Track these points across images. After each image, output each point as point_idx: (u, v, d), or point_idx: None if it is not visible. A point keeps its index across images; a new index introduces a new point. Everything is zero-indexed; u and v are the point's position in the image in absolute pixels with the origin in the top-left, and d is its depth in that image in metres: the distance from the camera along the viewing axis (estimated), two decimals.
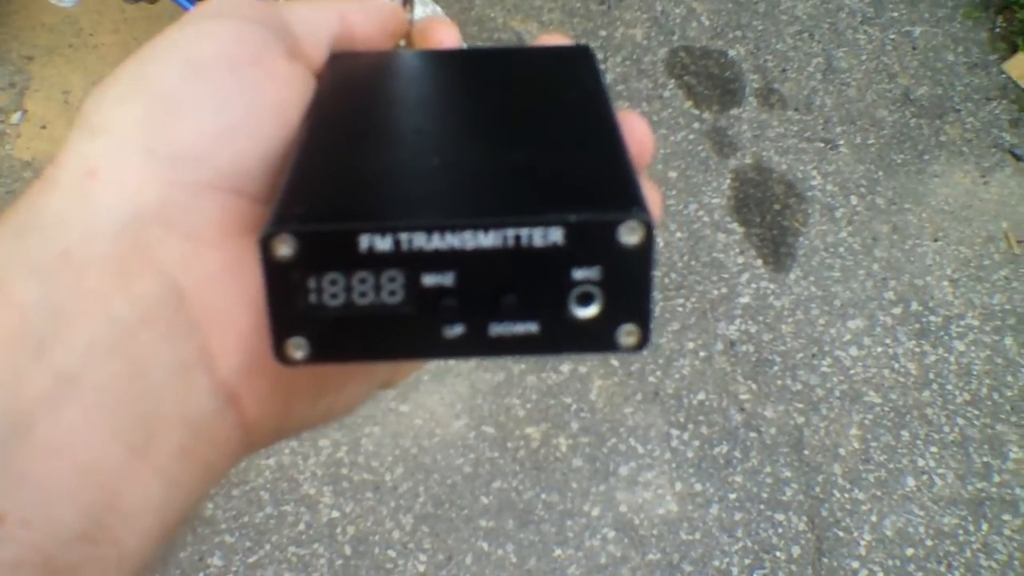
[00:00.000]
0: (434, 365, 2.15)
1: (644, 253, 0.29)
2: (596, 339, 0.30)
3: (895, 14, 2.92)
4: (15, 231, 0.30)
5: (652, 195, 0.35)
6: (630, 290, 0.30)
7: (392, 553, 1.95)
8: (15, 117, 2.54)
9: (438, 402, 2.12)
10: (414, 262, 0.29)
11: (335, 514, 1.98)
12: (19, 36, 2.70)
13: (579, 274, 0.29)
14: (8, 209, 0.31)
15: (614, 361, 2.20)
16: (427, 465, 2.05)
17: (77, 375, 0.28)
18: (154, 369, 0.30)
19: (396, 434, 2.07)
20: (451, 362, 2.16)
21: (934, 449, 2.14)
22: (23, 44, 2.68)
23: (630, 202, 0.29)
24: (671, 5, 2.87)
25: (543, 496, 2.03)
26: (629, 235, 0.29)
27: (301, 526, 1.96)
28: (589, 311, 0.30)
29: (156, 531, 0.30)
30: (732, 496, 2.05)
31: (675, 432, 2.12)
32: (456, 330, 0.30)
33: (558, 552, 1.97)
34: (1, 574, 0.26)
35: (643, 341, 0.30)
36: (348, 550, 1.94)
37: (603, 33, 2.79)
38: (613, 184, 0.31)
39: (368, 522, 1.97)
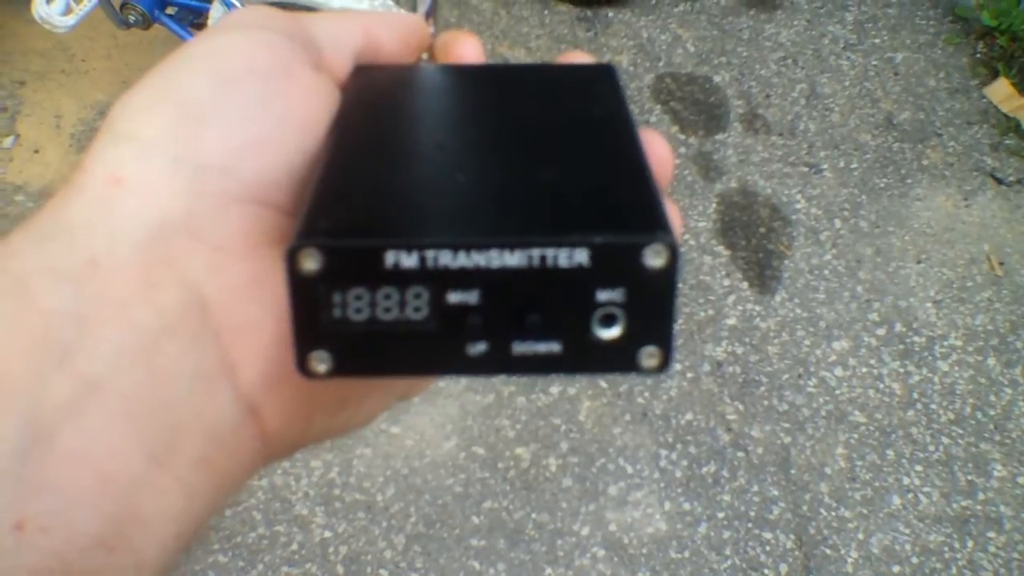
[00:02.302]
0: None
1: (668, 276, 0.29)
2: (618, 360, 0.30)
3: (877, 40, 2.95)
4: (41, 237, 0.30)
5: (673, 214, 0.34)
6: (653, 312, 0.30)
7: (384, 572, 1.94)
8: (7, 141, 2.54)
9: (428, 423, 2.13)
10: (439, 279, 0.29)
11: (327, 534, 1.98)
12: (11, 61, 2.71)
13: (603, 295, 0.29)
14: (34, 214, 0.31)
15: (603, 383, 2.21)
16: (418, 485, 2.05)
17: (100, 383, 0.28)
18: (177, 379, 0.30)
19: (387, 455, 2.08)
20: (441, 384, 2.17)
21: (919, 468, 2.16)
22: (15, 69, 2.69)
23: (655, 225, 0.29)
24: (657, 32, 2.90)
25: (533, 515, 2.03)
26: (654, 258, 0.29)
27: (294, 546, 1.96)
28: (612, 332, 0.30)
29: (174, 540, 0.30)
30: (720, 515, 2.06)
31: (663, 452, 2.13)
32: (479, 348, 0.30)
33: (548, 571, 1.97)
34: None
35: (665, 363, 0.30)
36: (341, 569, 1.94)
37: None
38: (638, 206, 0.31)
39: (360, 542, 1.97)
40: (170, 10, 2.27)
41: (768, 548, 2.03)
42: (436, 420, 2.13)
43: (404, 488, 2.04)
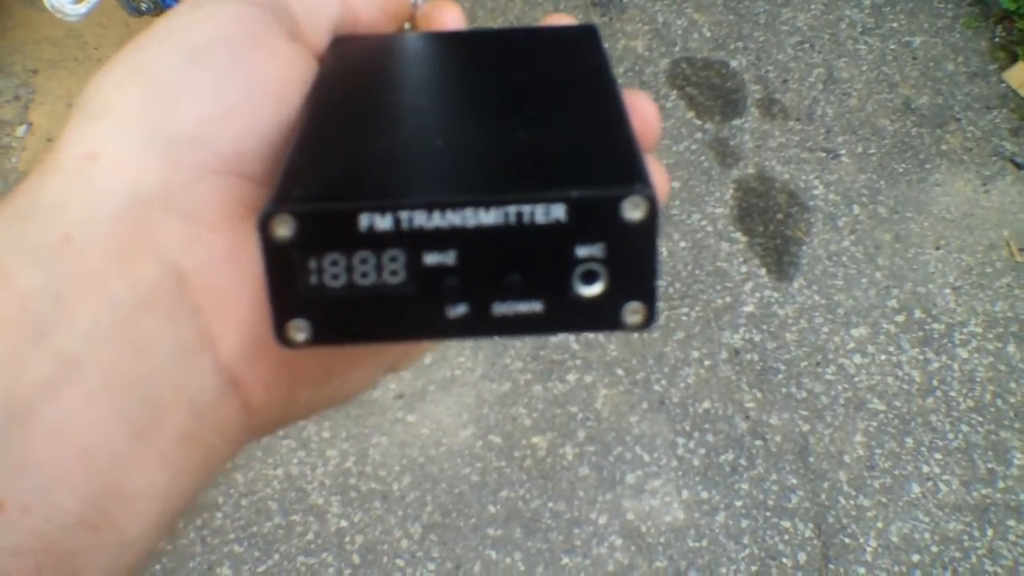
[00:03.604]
0: (440, 375, 2.15)
1: (648, 229, 0.29)
2: (601, 317, 0.30)
3: (895, 24, 2.93)
4: (16, 215, 0.30)
5: (658, 173, 0.34)
6: (635, 267, 0.29)
7: (400, 562, 1.94)
8: (20, 130, 2.54)
9: (445, 412, 2.12)
10: (415, 241, 0.29)
11: (343, 523, 1.98)
12: (23, 49, 2.70)
13: (583, 251, 0.29)
14: (9, 194, 0.31)
15: (619, 370, 2.20)
16: (434, 474, 2.05)
17: (78, 359, 0.28)
18: (156, 353, 0.30)
19: (403, 444, 2.07)
20: (457, 372, 2.17)
21: (939, 456, 2.15)
22: (27, 57, 2.69)
23: (633, 177, 0.29)
24: (673, 16, 2.88)
25: (550, 504, 2.03)
26: (632, 211, 0.28)
27: (310, 536, 1.96)
28: (594, 289, 0.30)
29: (159, 517, 0.30)
30: (738, 503, 2.06)
31: (681, 440, 2.13)
32: (459, 310, 0.30)
33: (566, 560, 1.97)
34: (1, 560, 0.26)
35: (649, 319, 0.30)
36: (357, 559, 1.94)
37: (605, 45, 2.79)
38: (616, 160, 0.30)
39: (376, 531, 1.97)
40: None
41: (787, 537, 2.02)
42: (452, 409, 2.13)
43: (420, 477, 2.04)
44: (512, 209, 0.28)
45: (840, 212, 2.52)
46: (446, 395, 2.14)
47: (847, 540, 2.03)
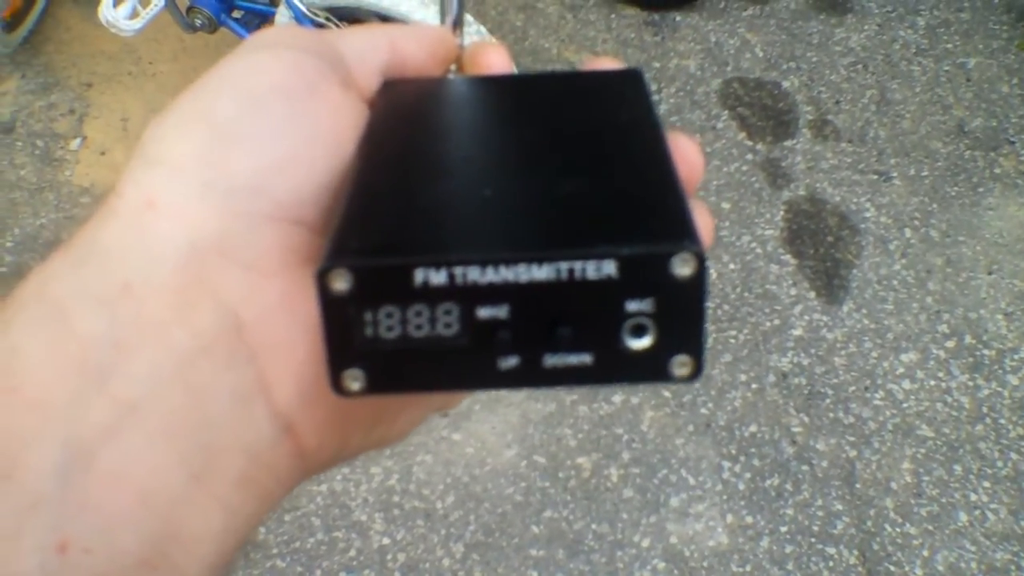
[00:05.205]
0: (485, 395, 2.15)
1: (696, 284, 0.29)
2: (649, 370, 0.31)
3: (949, 46, 2.91)
4: (76, 261, 0.31)
5: (703, 218, 0.35)
6: (683, 321, 0.30)
7: None
8: (74, 143, 2.57)
9: (489, 431, 2.12)
10: (469, 295, 0.29)
11: (386, 541, 1.98)
12: (78, 63, 2.73)
13: (632, 306, 0.29)
14: (70, 238, 0.32)
15: (666, 392, 2.19)
16: (478, 494, 2.05)
17: (138, 404, 0.28)
18: (214, 398, 0.30)
19: (448, 462, 2.08)
20: (502, 392, 2.16)
21: (987, 484, 2.12)
22: (82, 71, 2.72)
23: (682, 234, 0.29)
24: (725, 36, 2.88)
25: (593, 526, 2.02)
26: (681, 267, 0.29)
27: (352, 552, 1.97)
28: (642, 342, 0.30)
29: (215, 557, 0.31)
30: (783, 529, 2.04)
31: (727, 464, 2.12)
32: (511, 362, 0.30)
33: None
34: None
35: (696, 372, 0.30)
36: None
37: (657, 64, 2.79)
38: (665, 215, 0.31)
39: (419, 549, 1.97)
40: (236, 14, 2.28)
41: (831, 564, 2.01)
42: (497, 428, 2.13)
43: (464, 496, 2.04)
44: (564, 265, 0.29)
45: (891, 235, 2.50)
46: (491, 414, 2.14)
47: (892, 568, 2.01)
